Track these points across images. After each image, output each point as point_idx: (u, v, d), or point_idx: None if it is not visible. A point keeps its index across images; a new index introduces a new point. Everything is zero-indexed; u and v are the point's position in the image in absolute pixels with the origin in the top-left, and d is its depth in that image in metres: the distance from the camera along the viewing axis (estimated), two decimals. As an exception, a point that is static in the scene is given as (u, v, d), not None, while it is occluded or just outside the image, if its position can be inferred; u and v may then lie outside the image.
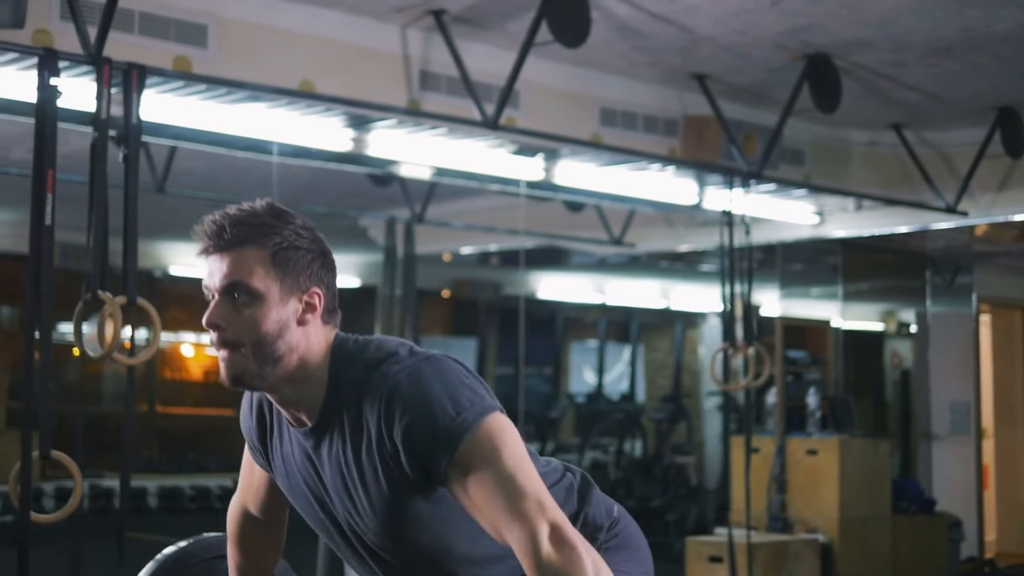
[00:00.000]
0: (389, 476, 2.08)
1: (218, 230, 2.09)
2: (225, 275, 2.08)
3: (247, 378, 2.10)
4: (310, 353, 2.12)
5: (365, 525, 2.17)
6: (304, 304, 2.11)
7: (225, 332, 2.09)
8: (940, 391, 9.99)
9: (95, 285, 4.39)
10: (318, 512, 2.26)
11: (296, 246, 2.11)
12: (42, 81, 4.34)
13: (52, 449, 4.34)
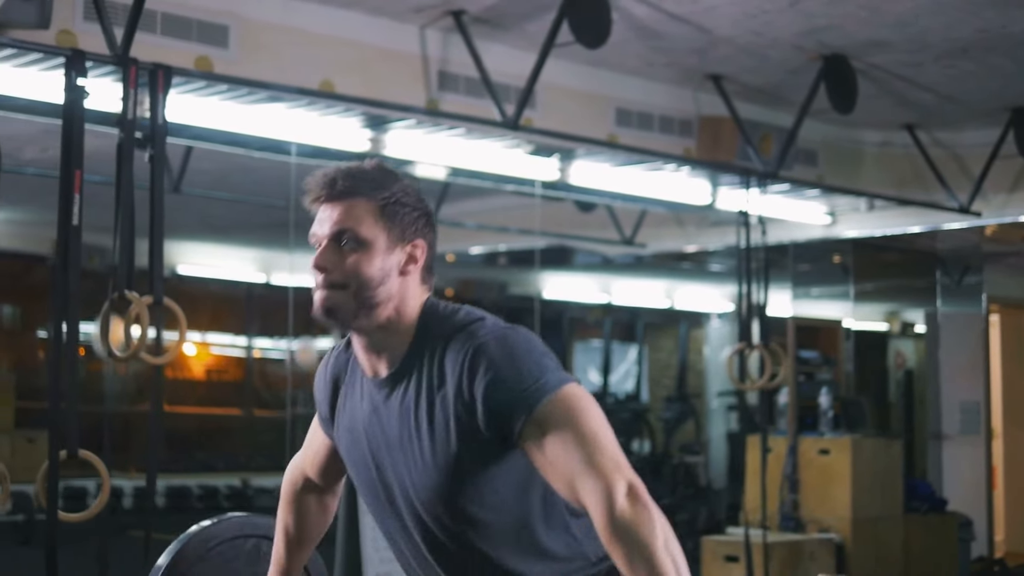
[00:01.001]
0: (459, 429, 2.13)
1: (331, 181, 2.19)
2: (335, 222, 2.18)
3: (341, 314, 2.18)
4: (405, 305, 2.21)
5: (419, 484, 2.20)
6: (407, 256, 2.21)
7: (331, 274, 2.18)
8: (950, 391, 10.00)
9: (121, 285, 4.41)
10: (372, 473, 2.29)
11: (403, 202, 2.22)
12: (69, 82, 4.36)
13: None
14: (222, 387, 12.87)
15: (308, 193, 2.22)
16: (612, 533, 1.95)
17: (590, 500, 1.98)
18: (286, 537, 2.62)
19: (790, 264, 9.32)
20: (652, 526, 1.95)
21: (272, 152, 6.17)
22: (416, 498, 2.22)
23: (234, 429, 12.93)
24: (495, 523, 2.20)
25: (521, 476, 2.18)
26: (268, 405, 12.86)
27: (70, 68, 4.36)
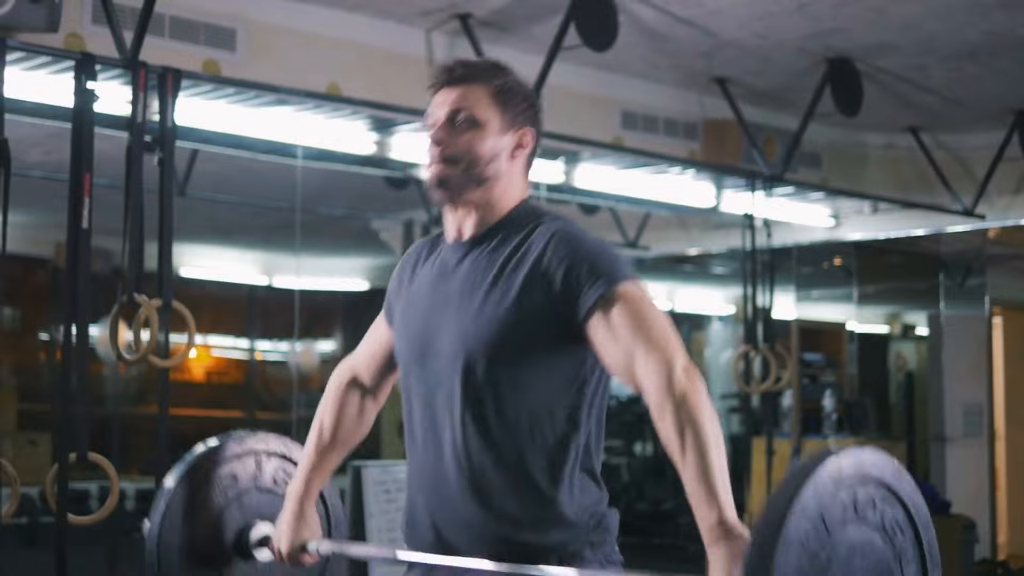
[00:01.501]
0: (529, 298, 2.24)
1: (449, 68, 2.36)
2: (452, 103, 2.33)
3: (450, 185, 2.32)
4: (509, 186, 2.36)
5: (470, 331, 2.27)
6: (516, 141, 2.36)
7: (447, 149, 2.32)
8: (953, 393, 10.00)
9: (131, 288, 4.41)
10: (420, 324, 2.37)
11: (515, 91, 2.38)
12: (79, 85, 4.36)
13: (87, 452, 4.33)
14: (224, 389, 12.87)
15: (429, 82, 2.38)
16: (665, 400, 2.08)
17: (648, 370, 2.11)
18: (319, 437, 2.63)
19: (794, 267, 9.33)
20: (704, 396, 2.10)
21: (278, 155, 6.17)
22: (461, 345, 2.27)
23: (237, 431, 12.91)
24: (516, 409, 2.26)
25: (556, 386, 2.26)
26: (271, 407, 12.87)
27: (80, 71, 4.36)
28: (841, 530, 1.85)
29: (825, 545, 1.82)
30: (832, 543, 1.83)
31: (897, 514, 1.97)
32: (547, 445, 2.27)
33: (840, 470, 1.85)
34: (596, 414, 2.35)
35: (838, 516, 1.84)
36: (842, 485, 1.86)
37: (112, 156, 4.76)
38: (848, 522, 1.86)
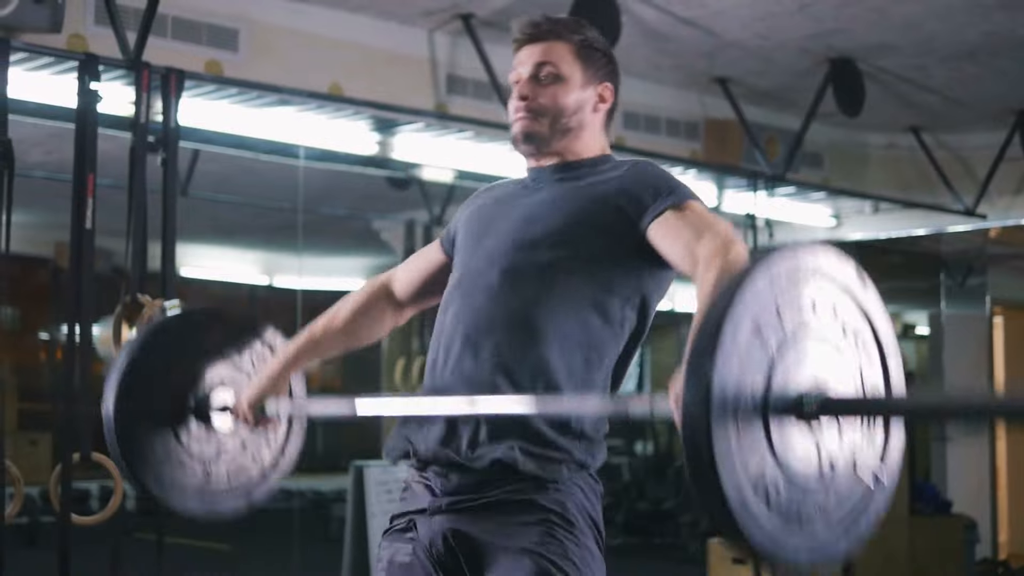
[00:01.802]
0: (601, 205, 2.32)
1: (534, 25, 2.44)
2: (537, 58, 2.41)
3: (536, 138, 2.40)
4: (591, 139, 2.43)
5: (537, 219, 2.35)
6: (598, 96, 2.44)
7: (533, 102, 2.40)
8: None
9: (134, 288, 4.42)
10: (484, 224, 2.43)
11: (596, 47, 2.46)
12: (82, 86, 4.37)
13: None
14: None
15: (513, 39, 2.46)
16: (714, 258, 2.10)
17: (706, 246, 2.14)
18: (329, 319, 2.68)
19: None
20: (743, 251, 2.13)
21: (280, 155, 6.18)
22: (525, 233, 2.34)
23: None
24: (564, 297, 2.29)
25: (605, 292, 2.30)
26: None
27: (83, 72, 4.37)
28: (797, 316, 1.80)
29: (777, 330, 1.76)
30: (784, 325, 1.77)
31: (855, 316, 1.94)
32: (585, 342, 2.29)
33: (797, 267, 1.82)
34: (631, 345, 2.39)
35: (794, 304, 1.80)
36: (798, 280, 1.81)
37: (114, 156, 4.76)
38: (804, 310, 1.81)
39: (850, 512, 1.85)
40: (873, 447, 1.89)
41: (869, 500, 1.87)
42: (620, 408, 2.23)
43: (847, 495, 1.84)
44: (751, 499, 1.71)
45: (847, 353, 1.88)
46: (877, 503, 1.89)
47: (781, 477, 1.74)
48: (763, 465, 1.73)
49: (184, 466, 2.62)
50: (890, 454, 1.92)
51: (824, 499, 1.80)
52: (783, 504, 1.75)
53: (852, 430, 1.85)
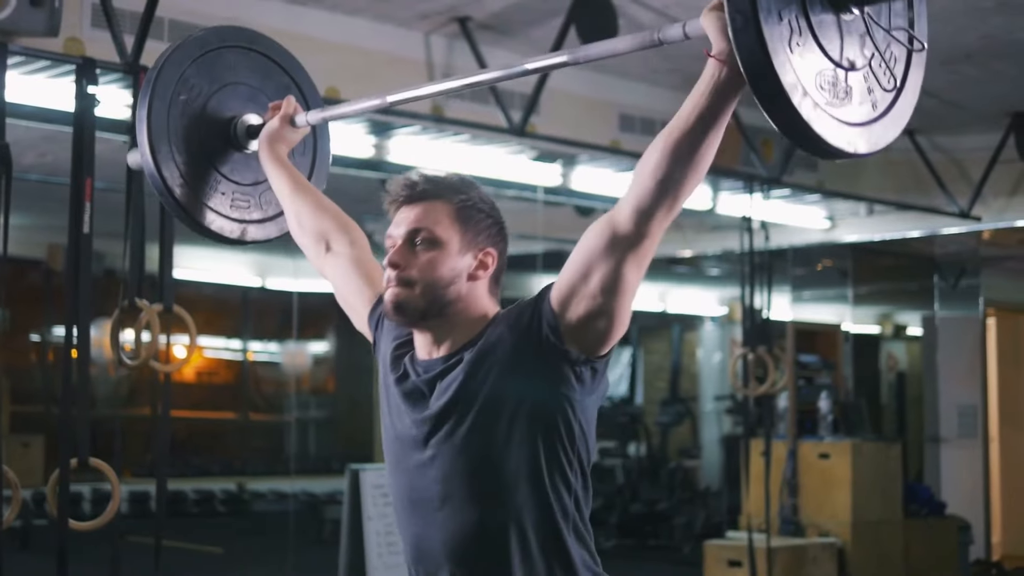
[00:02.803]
0: (516, 361, 2.16)
1: (411, 184, 2.27)
2: (412, 221, 2.24)
3: (410, 311, 2.23)
4: (471, 307, 2.25)
5: (458, 448, 2.19)
6: (478, 261, 2.26)
7: (404, 271, 2.23)
8: (947, 394, 10.03)
9: (132, 292, 4.40)
10: (408, 490, 2.27)
11: (479, 208, 2.29)
12: (80, 89, 4.34)
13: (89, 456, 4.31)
14: (217, 391, 12.85)
15: (387, 197, 2.30)
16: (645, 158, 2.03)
17: (620, 205, 2.07)
18: (311, 192, 2.73)
19: (789, 268, 9.34)
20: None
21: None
22: (453, 452, 2.20)
23: (230, 433, 12.91)
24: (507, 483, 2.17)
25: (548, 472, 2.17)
26: (264, 409, 12.85)
27: (81, 76, 4.34)
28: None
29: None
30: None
31: None
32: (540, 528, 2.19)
33: None
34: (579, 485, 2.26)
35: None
36: None
37: (110, 160, 4.74)
38: None
39: (893, 93, 1.97)
40: (902, 12, 2.00)
41: (910, 69, 1.99)
42: (648, 40, 2.12)
43: (888, 78, 1.96)
44: (810, 90, 1.82)
45: None
46: (917, 73, 2.01)
47: (831, 68, 1.86)
48: (813, 57, 1.84)
49: (226, 195, 2.79)
50: (919, 18, 2.02)
51: (871, 82, 1.92)
52: (835, 98, 1.86)
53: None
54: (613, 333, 2.16)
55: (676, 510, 10.68)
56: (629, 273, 2.11)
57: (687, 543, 9.99)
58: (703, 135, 1.99)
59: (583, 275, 2.11)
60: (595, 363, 2.18)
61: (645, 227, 2.07)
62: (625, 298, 2.14)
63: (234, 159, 2.81)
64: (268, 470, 11.98)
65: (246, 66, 2.87)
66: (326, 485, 10.69)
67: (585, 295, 2.12)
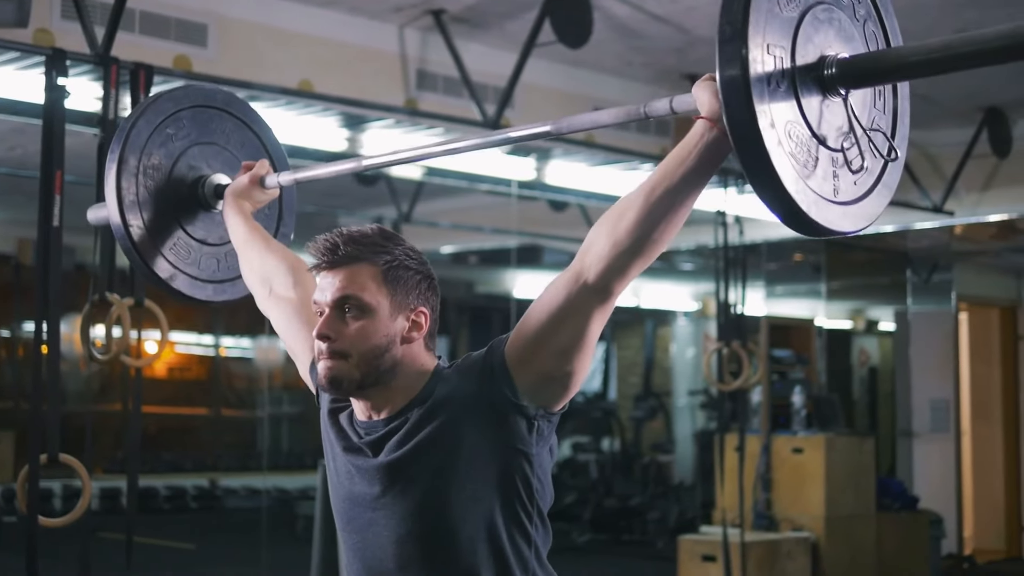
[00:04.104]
0: (463, 431, 2.10)
1: (332, 247, 2.15)
2: (338, 289, 2.13)
3: (346, 384, 2.13)
4: (409, 369, 2.16)
5: (406, 508, 2.13)
6: (411, 323, 2.16)
7: (335, 343, 2.13)
8: (920, 389, 10.07)
9: (102, 287, 4.36)
10: (362, 552, 2.21)
11: (407, 266, 2.17)
12: (50, 81, 4.30)
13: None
14: (189, 386, 12.80)
15: (309, 260, 2.20)
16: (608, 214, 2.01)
17: (572, 266, 2.03)
18: (261, 238, 2.69)
19: (763, 263, 9.35)
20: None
21: (249, 151, 6.12)
22: (403, 514, 2.15)
23: (202, 429, 12.85)
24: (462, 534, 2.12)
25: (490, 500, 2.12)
26: (236, 405, 12.80)
27: (51, 67, 4.30)
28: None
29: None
30: None
31: None
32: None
33: None
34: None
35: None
36: None
37: (81, 153, 4.70)
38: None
39: (873, 184, 2.01)
40: (886, 120, 2.05)
41: (885, 174, 2.04)
42: (635, 113, 2.14)
43: (869, 168, 2.01)
44: (796, 169, 1.85)
45: (851, 22, 2.01)
46: (892, 176, 2.05)
47: (815, 145, 1.90)
48: (801, 135, 1.88)
49: (192, 255, 2.79)
50: (900, 129, 2.09)
51: (849, 171, 1.97)
52: (817, 176, 1.90)
53: (866, 103, 2.00)
54: (572, 388, 2.11)
55: (650, 505, 10.68)
56: (593, 329, 2.06)
57: (661, 538, 10.00)
58: (687, 194, 1.97)
59: (547, 332, 2.05)
60: (551, 416, 2.13)
61: (616, 284, 2.02)
62: (587, 354, 2.08)
63: (202, 219, 2.80)
64: (240, 466, 11.94)
65: (218, 127, 2.85)
66: (299, 481, 10.66)
67: (547, 353, 2.06)
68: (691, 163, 1.96)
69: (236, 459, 12.09)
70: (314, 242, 2.17)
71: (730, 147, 1.89)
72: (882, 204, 2.02)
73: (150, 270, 2.71)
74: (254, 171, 2.72)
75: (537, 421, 2.10)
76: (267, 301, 2.56)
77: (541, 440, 2.13)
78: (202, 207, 2.79)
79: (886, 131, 2.05)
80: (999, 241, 9.46)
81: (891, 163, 2.04)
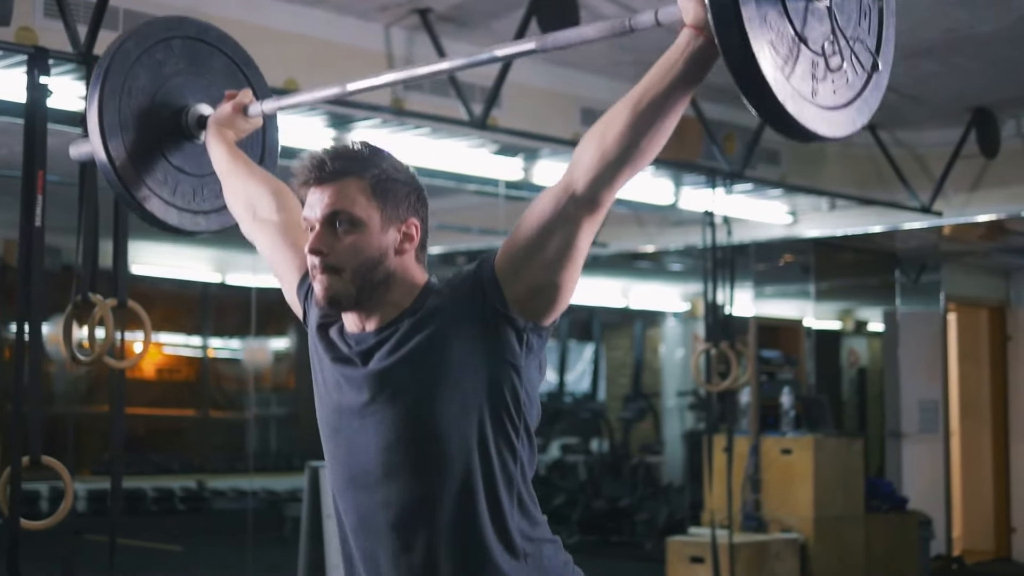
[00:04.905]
0: (449, 339, 2.13)
1: (319, 164, 2.16)
2: (328, 204, 2.15)
3: (344, 301, 2.17)
4: (403, 281, 2.19)
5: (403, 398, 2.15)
6: (402, 234, 2.19)
7: (328, 258, 2.15)
8: (909, 390, 10.05)
9: (85, 287, 4.32)
10: (349, 468, 2.23)
11: (394, 179, 2.19)
12: (32, 80, 4.26)
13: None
14: (177, 387, 12.75)
15: (296, 177, 2.20)
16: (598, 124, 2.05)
17: (576, 173, 2.05)
18: (245, 164, 2.70)
19: (751, 264, 9.33)
20: None
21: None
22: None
23: (189, 430, 12.80)
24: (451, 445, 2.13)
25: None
26: (225, 406, 12.75)
27: (33, 66, 4.25)
28: None
29: None
30: None
31: None
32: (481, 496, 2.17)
33: None
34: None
35: None
36: None
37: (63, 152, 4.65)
38: None
39: (854, 96, 2.04)
40: (871, 40, 2.07)
41: (869, 84, 2.06)
42: (619, 27, 2.15)
43: (851, 81, 2.04)
44: (777, 61, 1.89)
45: None
46: (877, 88, 2.07)
47: (797, 43, 1.94)
48: (784, 32, 1.92)
49: (169, 182, 2.79)
50: (885, 48, 2.10)
51: (830, 77, 2.01)
52: (797, 73, 1.94)
53: (851, 18, 2.04)
54: (560, 301, 2.14)
55: (638, 506, 10.66)
56: (582, 241, 2.10)
57: (649, 539, 9.98)
58: (673, 103, 2.01)
59: (536, 243, 2.09)
60: (540, 331, 2.15)
61: (605, 194, 2.06)
62: (576, 266, 2.12)
63: (184, 149, 2.81)
64: (229, 467, 11.90)
65: (197, 57, 2.86)
66: (287, 482, 10.62)
67: (536, 264, 2.09)
68: (677, 71, 1.99)
69: (224, 461, 12.06)
70: (300, 160, 2.18)
71: (716, 55, 1.93)
72: (861, 118, 2.04)
73: (126, 190, 2.72)
74: (237, 99, 2.73)
75: (526, 334, 2.13)
76: (252, 225, 2.57)
77: (530, 354, 2.15)
78: (185, 137, 2.80)
79: (870, 46, 2.07)
80: (987, 241, 9.46)
81: (874, 78, 2.05)
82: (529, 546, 2.19)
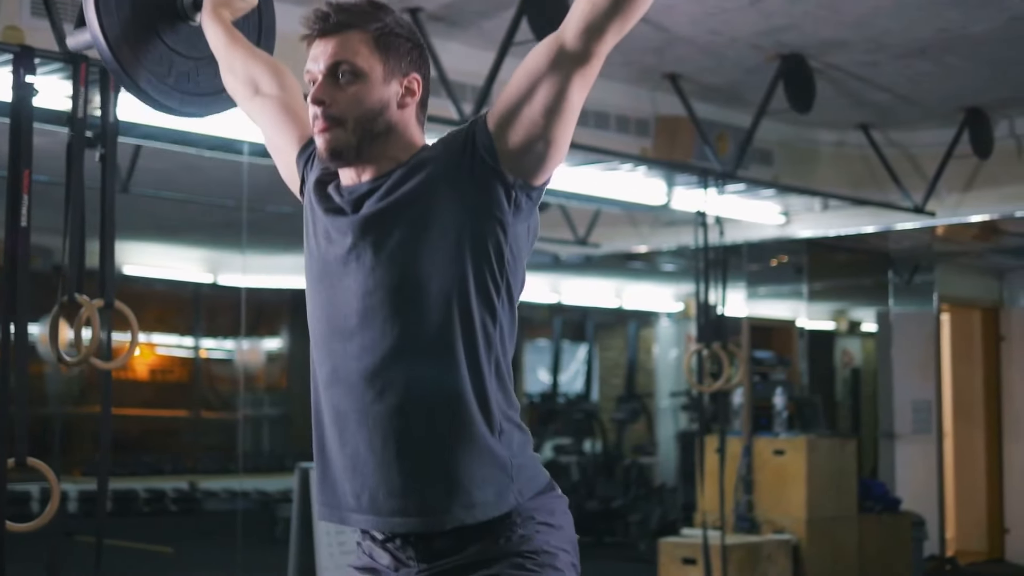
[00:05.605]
0: (446, 176, 2.14)
1: (323, 16, 2.17)
2: (331, 55, 2.16)
3: (345, 152, 2.17)
4: (403, 137, 2.21)
5: (391, 243, 2.16)
6: (404, 88, 2.21)
7: (330, 108, 2.16)
8: (902, 390, 10.04)
9: (71, 287, 4.29)
10: (331, 319, 2.22)
11: (397, 33, 2.21)
12: (17, 79, 4.23)
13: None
14: (169, 388, 12.72)
15: (301, 31, 2.21)
16: None
17: (567, 25, 2.12)
18: (243, 45, 2.69)
19: (744, 264, 9.31)
20: None
21: (224, 151, 6.06)
22: (381, 257, 2.16)
23: (181, 431, 12.77)
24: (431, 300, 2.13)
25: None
26: (216, 407, 12.73)
27: (18, 65, 4.23)
28: None
29: None
30: None
31: None
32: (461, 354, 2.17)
33: None
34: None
35: None
36: None
37: (51, 152, 4.63)
38: None
39: None
40: None
41: None
42: None
43: None
44: None
45: None
46: None
47: None
48: None
49: (163, 62, 2.80)
50: None
51: None
52: None
53: None
54: (551, 159, 2.15)
55: (631, 507, 10.64)
56: (574, 94, 2.12)
57: (642, 540, 9.96)
58: None
59: (527, 95, 2.11)
60: (530, 191, 2.16)
61: (595, 46, 2.10)
62: (567, 121, 2.14)
63: (179, 30, 2.81)
64: (221, 468, 11.87)
65: None
66: (279, 483, 10.59)
67: (527, 117, 2.11)
68: None
69: (216, 461, 12.03)
70: (304, 16, 2.19)
71: None
72: None
73: (123, 69, 2.74)
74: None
75: (516, 191, 2.14)
76: (252, 101, 2.57)
77: (519, 213, 2.16)
78: (180, 18, 2.80)
79: None
80: (981, 242, 9.44)
81: None
82: (505, 423, 2.19)
